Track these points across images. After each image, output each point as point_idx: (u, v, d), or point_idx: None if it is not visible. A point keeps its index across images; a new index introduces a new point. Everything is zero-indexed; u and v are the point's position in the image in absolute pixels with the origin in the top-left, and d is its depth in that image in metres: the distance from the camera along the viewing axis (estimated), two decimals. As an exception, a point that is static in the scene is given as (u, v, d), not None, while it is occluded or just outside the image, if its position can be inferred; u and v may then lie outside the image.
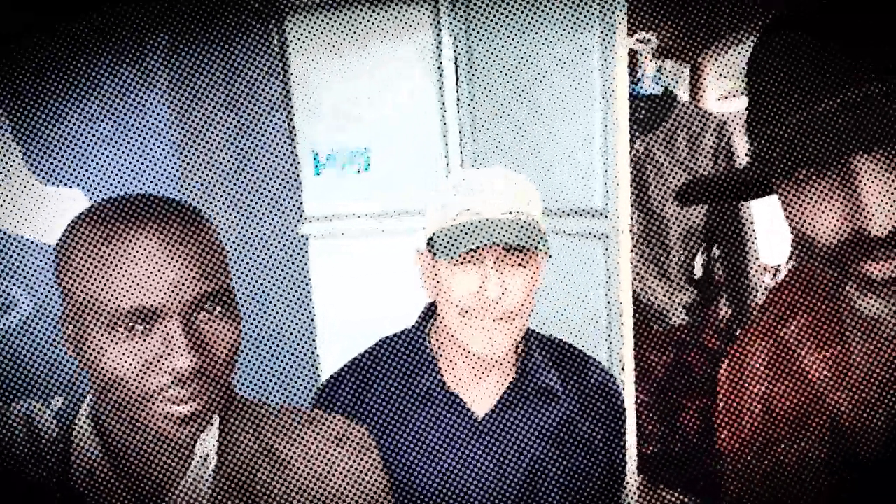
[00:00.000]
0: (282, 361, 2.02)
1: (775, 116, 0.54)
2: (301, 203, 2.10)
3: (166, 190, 1.83)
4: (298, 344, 2.05)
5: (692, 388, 1.89)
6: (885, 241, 0.49)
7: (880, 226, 0.48)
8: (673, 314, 1.91)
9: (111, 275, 0.56)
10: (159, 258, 0.57)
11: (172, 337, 0.57)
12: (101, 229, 0.57)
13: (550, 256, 0.90)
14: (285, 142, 2.01)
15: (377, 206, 2.09)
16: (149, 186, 1.78)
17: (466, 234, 0.83)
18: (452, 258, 0.83)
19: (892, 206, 0.49)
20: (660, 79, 1.94)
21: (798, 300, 0.67)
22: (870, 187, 0.49)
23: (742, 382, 0.72)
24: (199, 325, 0.59)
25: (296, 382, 2.05)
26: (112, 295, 0.55)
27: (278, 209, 2.00)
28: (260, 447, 0.69)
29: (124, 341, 0.56)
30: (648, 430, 1.90)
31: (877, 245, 0.49)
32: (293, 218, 2.03)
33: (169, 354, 0.57)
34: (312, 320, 2.12)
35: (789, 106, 0.53)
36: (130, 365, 0.56)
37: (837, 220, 0.52)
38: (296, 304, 2.05)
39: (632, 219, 1.89)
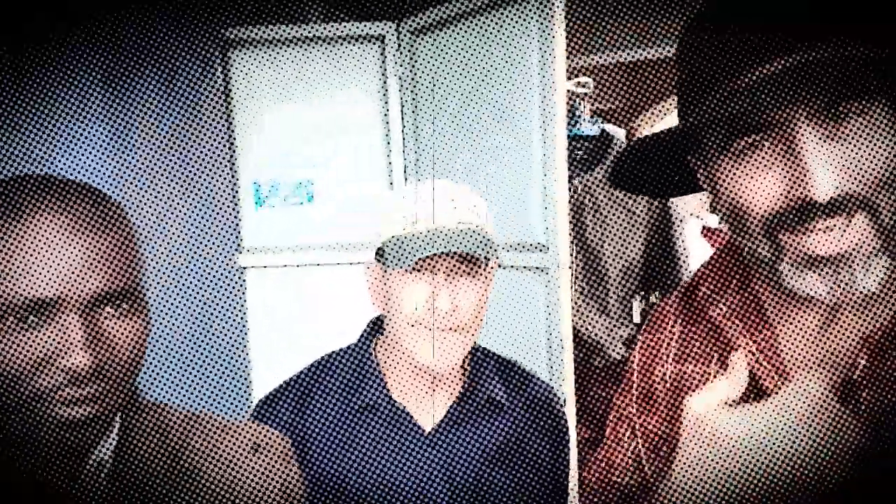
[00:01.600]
0: (213, 391, 1.92)
1: (713, 87, 0.54)
2: (238, 234, 2.05)
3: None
4: (230, 373, 1.97)
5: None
6: (827, 207, 0.49)
7: (823, 191, 0.48)
8: (613, 348, 1.93)
9: (4, 262, 0.51)
10: (61, 245, 0.52)
11: (69, 332, 0.52)
12: None
13: (501, 267, 0.89)
14: (225, 172, 1.97)
15: (319, 238, 2.06)
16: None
17: (419, 243, 0.81)
18: (404, 268, 0.81)
19: (833, 171, 0.49)
20: (597, 121, 2.02)
21: (723, 283, 0.67)
22: (813, 153, 0.49)
23: (654, 366, 0.71)
24: (100, 321, 0.54)
25: (226, 412, 1.95)
26: (4, 286, 0.50)
27: (214, 239, 1.94)
28: (164, 454, 0.63)
29: (15, 334, 0.51)
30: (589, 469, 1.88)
31: (818, 212, 0.49)
32: (229, 248, 1.98)
33: (64, 351, 0.52)
34: (245, 350, 2.04)
35: (727, 74, 0.53)
36: (21, 361, 0.51)
37: (778, 189, 0.51)
38: (229, 336, 1.97)
39: (571, 255, 1.92)
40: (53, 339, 0.52)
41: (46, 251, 0.51)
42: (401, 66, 2.02)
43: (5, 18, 1.63)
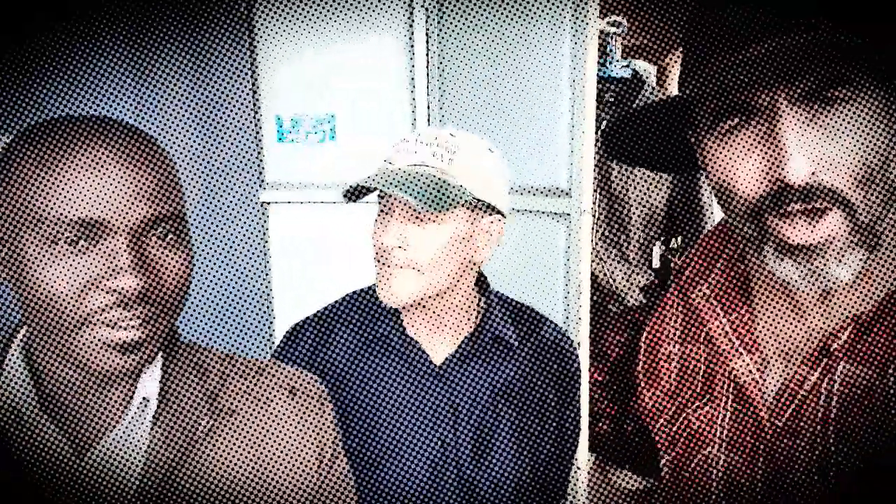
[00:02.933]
0: (236, 327, 1.98)
1: (703, 65, 0.54)
2: (262, 169, 2.05)
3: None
4: (253, 309, 2.02)
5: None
6: (801, 191, 0.50)
7: (798, 173, 0.49)
8: (630, 295, 1.94)
9: (57, 183, 0.52)
10: (112, 170, 0.54)
11: (118, 254, 0.53)
12: (49, 139, 0.54)
13: (490, 220, 0.91)
14: (248, 107, 1.96)
15: (341, 176, 2.06)
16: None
17: (368, 181, 0.85)
18: (347, 202, 0.89)
19: (810, 156, 0.49)
20: (629, 62, 1.95)
21: (708, 264, 0.68)
22: (792, 135, 0.49)
23: (660, 343, 0.73)
24: (148, 247, 0.56)
25: (249, 349, 2.02)
26: (57, 204, 0.52)
27: (237, 174, 1.95)
28: (204, 394, 0.65)
29: (65, 256, 0.53)
30: (601, 408, 1.93)
31: (793, 195, 0.50)
32: (252, 183, 1.99)
33: (112, 273, 0.53)
34: (269, 285, 2.09)
35: (716, 53, 0.53)
36: (70, 282, 0.52)
37: (759, 170, 0.52)
38: (252, 269, 2.01)
39: (594, 200, 1.91)
40: (102, 261, 0.53)
41: (100, 175, 0.53)
42: (428, 4, 1.95)
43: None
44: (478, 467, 0.90)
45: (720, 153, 0.54)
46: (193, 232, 1.89)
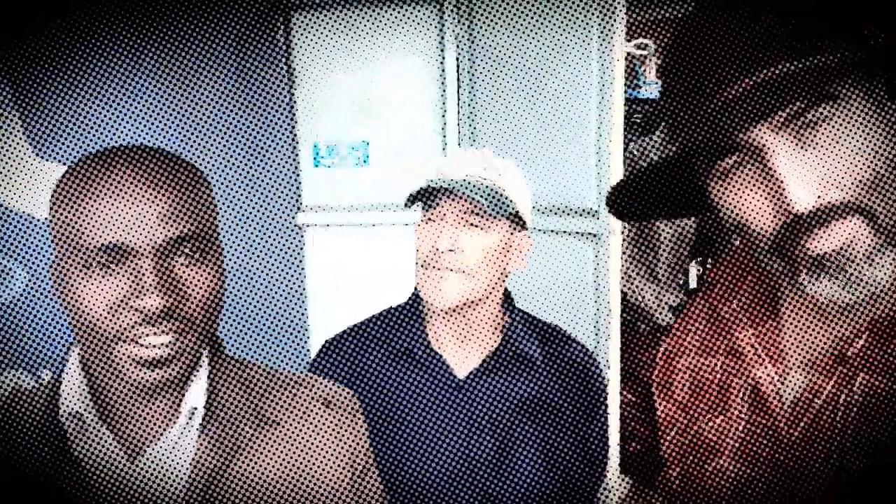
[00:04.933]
0: (273, 346, 2.04)
1: (684, 114, 0.54)
2: (299, 193, 2.13)
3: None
4: (290, 328, 2.08)
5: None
6: (813, 215, 0.49)
7: (802, 201, 0.49)
8: (660, 315, 1.93)
9: (89, 211, 0.57)
10: (134, 196, 0.58)
11: (142, 275, 0.57)
12: (85, 171, 0.59)
13: (523, 235, 0.95)
14: (286, 134, 2.04)
15: (374, 199, 2.12)
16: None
17: (438, 183, 0.90)
18: (408, 204, 0.92)
19: (808, 180, 0.49)
20: (657, 84, 1.97)
21: (739, 279, 0.68)
22: (784, 165, 0.49)
23: (676, 356, 0.74)
24: (173, 266, 0.59)
25: (286, 366, 2.07)
26: (88, 231, 0.57)
27: (275, 198, 2.03)
28: (248, 405, 0.69)
29: (98, 279, 0.57)
30: (633, 429, 1.92)
31: (805, 223, 0.50)
32: (290, 207, 2.06)
33: (139, 293, 0.57)
34: (305, 307, 2.14)
35: (694, 99, 0.53)
36: (101, 303, 0.57)
37: (764, 206, 0.52)
38: (289, 291, 2.07)
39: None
40: (129, 282, 0.57)
41: (123, 201, 0.57)
42: (458, 27, 2.01)
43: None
44: (498, 481, 0.92)
45: (724, 193, 0.55)
46: (233, 253, 1.98)
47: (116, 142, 1.79)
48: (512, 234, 0.96)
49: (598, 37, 1.67)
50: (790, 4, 0.50)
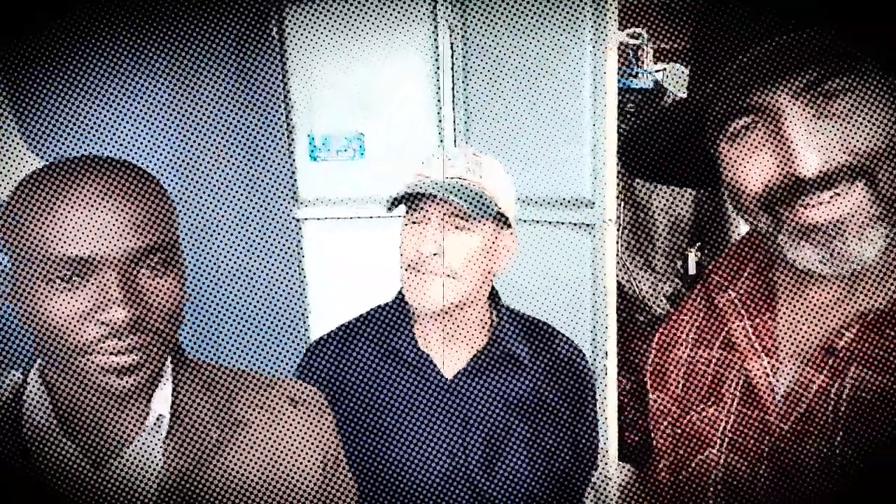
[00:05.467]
0: (273, 341, 2.05)
1: (707, 69, 0.56)
2: (295, 188, 2.13)
3: (163, 172, 1.86)
4: (289, 323, 2.08)
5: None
6: (814, 182, 0.50)
7: (809, 166, 0.50)
8: (656, 304, 1.94)
9: (50, 224, 0.56)
10: (98, 208, 0.57)
11: (107, 288, 0.56)
12: (45, 182, 0.58)
13: (507, 233, 0.95)
14: (282, 128, 2.04)
15: (371, 191, 2.12)
16: (145, 167, 1.79)
17: (418, 188, 0.90)
18: (389, 206, 0.91)
19: (819, 148, 0.50)
20: (651, 71, 1.96)
21: (737, 271, 0.68)
22: (797, 131, 0.51)
23: (671, 347, 0.74)
24: (137, 278, 0.59)
25: (287, 363, 2.09)
26: (50, 244, 0.56)
27: (272, 193, 2.03)
28: (214, 409, 0.69)
29: (61, 292, 0.56)
30: (631, 418, 1.93)
31: (807, 187, 0.51)
32: (287, 202, 2.06)
33: (104, 306, 0.56)
34: (305, 300, 2.15)
35: (718, 57, 0.54)
36: (66, 316, 0.56)
37: (769, 168, 0.53)
38: (288, 284, 2.08)
39: (618, 210, 1.92)
40: (94, 296, 0.57)
41: (86, 214, 0.57)
42: (452, 18, 2.01)
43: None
44: (488, 480, 0.93)
45: (732, 153, 0.56)
46: (230, 249, 1.98)
47: (111, 137, 1.78)
48: (497, 233, 0.96)
49: (592, 27, 1.66)
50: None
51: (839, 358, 0.55)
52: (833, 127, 0.50)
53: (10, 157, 1.66)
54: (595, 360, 1.70)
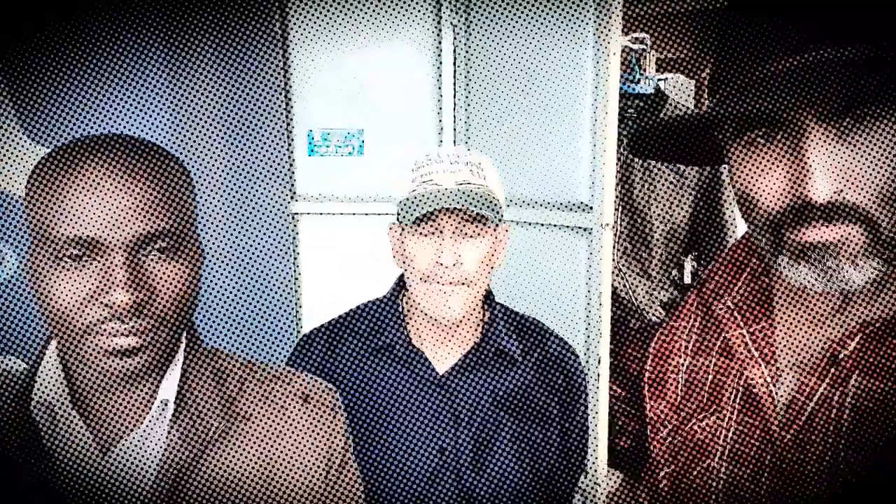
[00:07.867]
0: (265, 335, 2.04)
1: (732, 74, 0.55)
2: (293, 182, 2.12)
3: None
4: (282, 317, 2.08)
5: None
6: (823, 209, 0.50)
7: (820, 192, 0.49)
8: (651, 311, 1.93)
9: (59, 203, 0.56)
10: (106, 190, 0.56)
11: (112, 271, 0.56)
12: (59, 162, 0.58)
13: (503, 228, 0.95)
14: (281, 122, 2.03)
15: (369, 187, 2.12)
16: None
17: (423, 200, 0.88)
18: (409, 223, 0.88)
19: (834, 175, 0.49)
20: (653, 77, 1.96)
21: (733, 277, 0.68)
22: (816, 153, 0.49)
23: (669, 355, 0.73)
24: (144, 261, 0.59)
25: (277, 356, 2.08)
26: (61, 223, 0.56)
27: (269, 187, 2.02)
28: (220, 399, 0.68)
29: (68, 272, 0.57)
30: (622, 424, 1.92)
31: (814, 213, 0.50)
32: (284, 196, 2.05)
33: (107, 288, 0.56)
34: (298, 296, 2.14)
35: (745, 64, 0.53)
36: (71, 296, 0.56)
37: (781, 185, 0.52)
38: (282, 280, 2.07)
39: (616, 216, 1.91)
40: (98, 277, 0.57)
41: (95, 195, 0.56)
42: (455, 16, 2.00)
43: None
44: (477, 476, 0.92)
45: (745, 162, 0.55)
46: (226, 242, 1.97)
47: (109, 127, 1.78)
48: (496, 231, 0.96)
49: (594, 30, 1.66)
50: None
51: (842, 367, 0.55)
52: (852, 156, 0.49)
53: (5, 140, 1.65)
54: (588, 365, 1.69)
